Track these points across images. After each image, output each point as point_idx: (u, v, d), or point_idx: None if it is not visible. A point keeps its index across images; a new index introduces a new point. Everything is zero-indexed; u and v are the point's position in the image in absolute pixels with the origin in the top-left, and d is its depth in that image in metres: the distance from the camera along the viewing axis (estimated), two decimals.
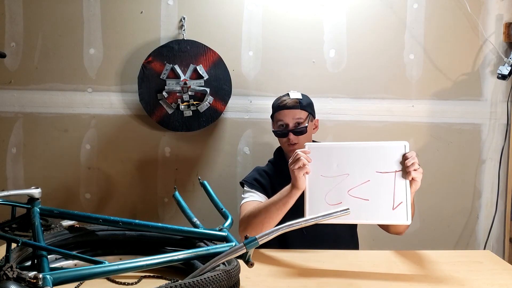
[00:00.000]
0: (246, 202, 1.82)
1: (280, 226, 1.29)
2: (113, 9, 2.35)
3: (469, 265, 1.54)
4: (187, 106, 2.30)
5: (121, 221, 1.43)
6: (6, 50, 2.33)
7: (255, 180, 1.89)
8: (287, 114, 1.87)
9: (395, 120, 2.39)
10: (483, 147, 2.42)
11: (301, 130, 1.85)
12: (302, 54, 2.37)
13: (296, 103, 1.87)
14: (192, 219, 1.59)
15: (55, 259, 1.40)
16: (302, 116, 1.87)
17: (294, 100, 1.89)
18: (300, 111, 1.87)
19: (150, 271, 1.39)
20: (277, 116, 1.90)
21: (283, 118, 1.87)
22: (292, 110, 1.86)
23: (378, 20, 2.36)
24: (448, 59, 2.38)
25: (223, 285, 1.13)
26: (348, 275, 1.46)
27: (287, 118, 1.87)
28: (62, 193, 2.41)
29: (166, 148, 2.41)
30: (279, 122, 1.89)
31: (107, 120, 2.40)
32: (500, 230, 2.43)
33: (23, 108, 2.39)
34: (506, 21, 2.35)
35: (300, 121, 1.86)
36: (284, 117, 1.87)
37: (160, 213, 2.44)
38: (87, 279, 1.16)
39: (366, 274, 1.45)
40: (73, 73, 2.37)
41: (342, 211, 1.31)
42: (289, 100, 1.89)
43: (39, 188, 1.48)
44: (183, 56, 2.29)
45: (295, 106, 1.87)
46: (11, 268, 1.00)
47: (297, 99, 1.89)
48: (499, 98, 2.40)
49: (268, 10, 2.35)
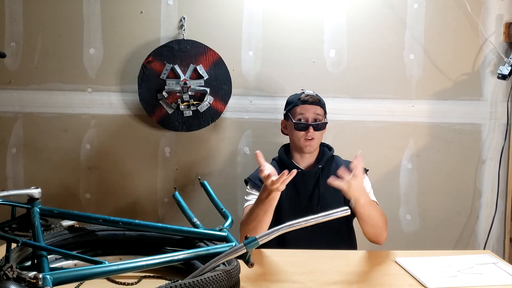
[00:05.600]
0: (247, 206, 1.83)
1: (280, 226, 1.29)
2: (113, 9, 2.35)
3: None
4: (187, 106, 2.30)
5: (121, 221, 1.43)
6: (6, 50, 2.33)
7: (259, 180, 1.87)
8: (309, 109, 1.90)
9: (395, 120, 2.39)
10: (483, 147, 2.42)
11: (321, 126, 1.90)
12: (302, 54, 2.37)
13: (317, 99, 1.93)
14: (192, 219, 1.59)
15: (55, 259, 1.40)
16: (321, 113, 1.92)
17: (316, 97, 1.94)
18: (320, 108, 1.93)
19: (150, 271, 1.39)
20: (297, 110, 1.92)
21: (305, 112, 1.90)
22: (313, 105, 1.91)
23: (378, 20, 2.36)
24: (448, 59, 2.38)
25: (223, 285, 1.13)
26: (348, 275, 1.46)
27: (309, 113, 1.90)
28: (62, 193, 2.40)
29: (166, 148, 2.41)
30: (299, 116, 1.91)
31: (107, 120, 2.39)
32: (500, 230, 2.43)
33: (23, 108, 2.39)
34: (506, 21, 2.35)
35: (319, 117, 1.91)
36: (306, 111, 1.90)
37: (160, 213, 2.44)
38: (87, 279, 1.16)
39: (366, 274, 1.45)
40: (73, 73, 2.37)
41: (342, 211, 1.31)
42: (310, 97, 1.94)
43: (39, 188, 1.48)
44: (183, 56, 2.29)
45: (316, 102, 1.92)
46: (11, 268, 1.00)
47: (317, 96, 1.95)
48: (499, 98, 2.39)
49: (268, 10, 2.35)
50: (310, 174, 1.90)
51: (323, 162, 1.92)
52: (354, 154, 2.12)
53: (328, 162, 1.94)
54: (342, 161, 1.97)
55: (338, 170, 1.63)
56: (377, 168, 2.10)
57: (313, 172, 1.90)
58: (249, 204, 1.82)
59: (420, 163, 2.41)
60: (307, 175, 1.90)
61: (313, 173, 1.90)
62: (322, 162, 1.91)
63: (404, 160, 2.41)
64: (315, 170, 1.90)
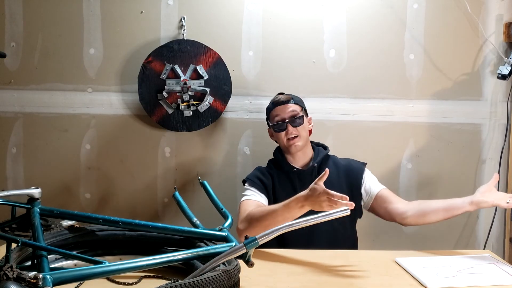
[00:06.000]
0: (247, 200, 1.83)
1: (280, 226, 1.29)
2: (113, 9, 2.35)
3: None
4: (187, 106, 2.30)
5: (121, 221, 1.43)
6: (6, 50, 2.33)
7: (257, 178, 1.91)
8: (282, 109, 1.94)
9: (395, 120, 2.39)
10: (483, 147, 2.42)
11: (298, 121, 1.90)
12: (302, 54, 2.37)
13: (288, 98, 1.96)
14: (192, 219, 1.59)
15: (55, 259, 1.40)
16: (296, 109, 1.94)
17: (287, 96, 1.98)
18: (294, 105, 1.95)
19: (150, 271, 1.39)
20: (273, 114, 1.96)
21: (280, 113, 1.93)
22: (286, 104, 1.94)
23: (378, 20, 2.36)
24: (448, 59, 2.38)
25: (223, 285, 1.13)
26: (348, 275, 1.46)
27: (284, 113, 1.92)
28: (62, 193, 2.40)
29: (166, 148, 2.41)
30: (276, 118, 1.94)
31: (107, 120, 2.39)
32: (500, 230, 2.43)
33: (23, 108, 2.38)
34: (506, 21, 2.35)
35: (295, 113, 1.93)
36: (281, 112, 1.93)
37: (160, 213, 2.44)
38: (87, 279, 1.16)
39: (366, 274, 1.45)
40: (73, 73, 2.37)
41: (342, 211, 1.31)
42: (282, 97, 1.98)
43: (39, 188, 1.48)
44: (183, 56, 2.29)
45: (288, 100, 1.96)
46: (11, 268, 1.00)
47: (289, 95, 1.99)
48: (499, 98, 2.39)
49: (268, 10, 2.35)
50: (306, 173, 1.90)
51: (319, 161, 1.92)
52: (354, 154, 2.14)
53: (324, 160, 1.95)
54: (339, 160, 1.98)
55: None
56: (377, 168, 2.10)
57: (308, 171, 1.91)
58: (247, 199, 1.83)
59: (420, 163, 2.41)
60: (302, 174, 1.91)
61: (309, 172, 1.91)
62: (317, 161, 1.92)
63: (404, 160, 2.41)
64: (310, 169, 1.91)
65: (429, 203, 1.77)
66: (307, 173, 1.91)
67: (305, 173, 1.91)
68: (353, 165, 1.97)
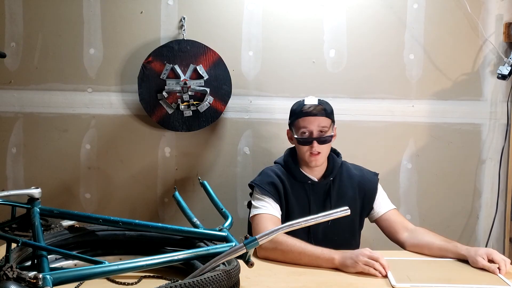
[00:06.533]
0: (261, 214, 1.71)
1: (281, 226, 1.29)
2: (113, 9, 2.35)
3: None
4: (187, 106, 2.30)
5: (121, 221, 1.43)
6: (6, 50, 2.33)
7: (268, 185, 1.77)
8: (313, 121, 1.76)
9: (395, 120, 2.39)
10: (483, 147, 2.42)
11: (326, 139, 1.76)
12: (302, 54, 2.37)
13: (322, 110, 1.77)
14: (192, 219, 1.59)
15: (55, 259, 1.40)
16: (326, 125, 1.77)
17: (320, 106, 1.78)
18: (325, 118, 1.77)
19: (150, 271, 1.39)
20: (300, 123, 1.78)
21: (308, 125, 1.76)
22: (317, 117, 1.76)
23: (378, 20, 2.36)
24: (448, 59, 2.38)
25: (223, 285, 1.13)
26: (348, 275, 1.46)
27: (312, 126, 1.75)
28: (62, 193, 2.40)
29: (166, 148, 2.41)
30: (302, 129, 1.77)
31: (107, 120, 2.39)
32: (500, 230, 2.43)
33: (23, 108, 2.38)
34: (506, 21, 2.35)
35: (324, 129, 1.76)
36: (309, 124, 1.76)
37: (160, 213, 2.44)
38: (87, 279, 1.16)
39: (366, 274, 1.45)
40: (73, 73, 2.37)
41: (342, 211, 1.31)
42: (313, 107, 1.77)
43: (39, 188, 1.48)
44: (183, 56, 2.29)
45: (321, 113, 1.77)
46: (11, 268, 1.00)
47: (323, 106, 1.79)
48: (499, 98, 2.39)
49: (268, 10, 2.35)
50: (321, 186, 1.81)
51: (334, 173, 1.82)
52: (354, 154, 2.14)
53: (339, 172, 1.84)
54: (351, 169, 1.88)
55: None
56: (377, 168, 2.09)
57: (324, 184, 1.81)
58: (261, 212, 1.72)
59: (420, 163, 2.41)
60: (317, 186, 1.81)
61: (324, 184, 1.81)
62: (333, 174, 1.82)
63: (404, 160, 2.41)
64: (326, 182, 1.81)
65: (432, 240, 1.69)
66: (322, 185, 1.81)
67: (320, 185, 1.81)
68: (367, 176, 1.86)
